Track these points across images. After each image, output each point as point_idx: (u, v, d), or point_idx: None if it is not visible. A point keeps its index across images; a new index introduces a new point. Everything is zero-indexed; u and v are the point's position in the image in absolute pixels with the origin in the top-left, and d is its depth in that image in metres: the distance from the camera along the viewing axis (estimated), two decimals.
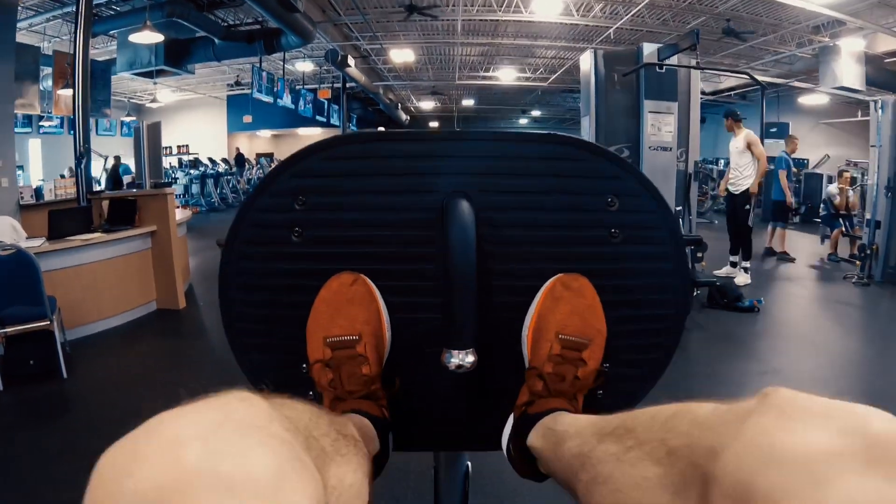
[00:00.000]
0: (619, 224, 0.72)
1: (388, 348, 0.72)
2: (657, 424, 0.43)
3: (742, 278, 6.51)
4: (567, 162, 0.72)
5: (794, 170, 8.52)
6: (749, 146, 6.38)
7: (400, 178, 0.71)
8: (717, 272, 6.64)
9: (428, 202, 0.71)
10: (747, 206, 6.49)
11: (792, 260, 8.27)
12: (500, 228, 0.72)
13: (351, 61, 13.44)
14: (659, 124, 5.78)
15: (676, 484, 0.37)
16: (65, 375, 3.86)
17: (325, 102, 17.43)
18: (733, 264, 6.82)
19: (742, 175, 6.47)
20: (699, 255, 6.47)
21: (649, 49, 5.91)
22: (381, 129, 13.29)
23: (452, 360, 0.61)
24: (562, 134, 0.75)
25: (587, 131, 6.35)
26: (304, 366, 0.70)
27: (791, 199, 8.34)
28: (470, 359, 0.61)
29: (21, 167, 13.15)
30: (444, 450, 0.81)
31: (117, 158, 13.26)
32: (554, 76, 16.50)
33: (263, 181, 0.72)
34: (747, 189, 6.41)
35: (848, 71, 10.16)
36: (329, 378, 0.67)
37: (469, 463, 0.86)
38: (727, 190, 6.70)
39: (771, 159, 10.88)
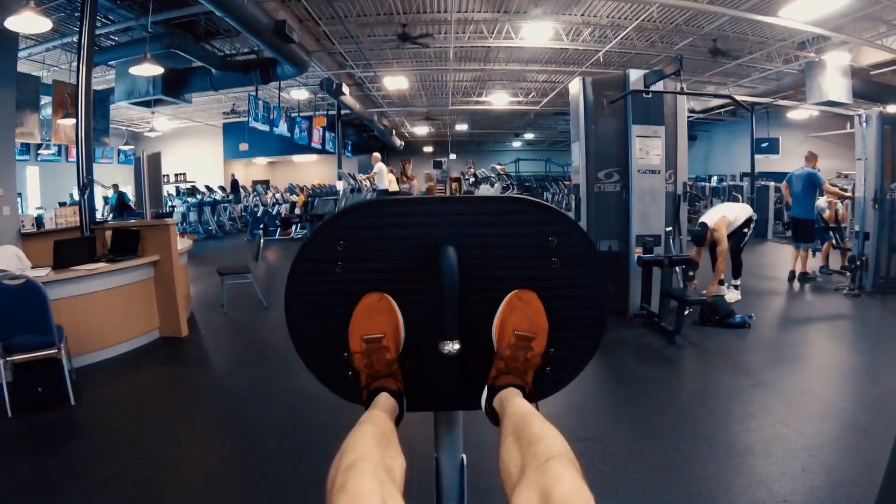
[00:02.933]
0: (558, 255, 1.01)
1: (403, 342, 1.03)
2: (524, 443, 0.75)
3: (732, 295, 6.59)
4: (521, 215, 1.01)
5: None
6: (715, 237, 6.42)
7: (409, 229, 1.01)
8: (705, 292, 6.72)
9: (428, 245, 1.00)
10: (746, 230, 6.57)
11: (814, 279, 8.09)
12: (475, 260, 1.01)
13: (345, 89, 13.65)
14: (647, 148, 5.90)
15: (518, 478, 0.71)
16: (72, 402, 3.93)
17: (321, 130, 17.60)
18: (720, 282, 6.90)
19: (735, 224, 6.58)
20: (690, 273, 6.57)
21: (635, 75, 6.04)
22: (376, 154, 13.43)
23: (445, 347, 0.90)
24: (516, 196, 1.08)
25: (577, 156, 6.46)
26: (346, 354, 1.02)
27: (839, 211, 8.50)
28: (456, 346, 0.90)
29: (19, 195, 13.26)
30: (441, 409, 1.10)
31: (115, 187, 13.38)
32: (546, 99, 16.72)
33: (316, 231, 1.03)
34: (749, 217, 6.55)
35: (834, 85, 10.35)
36: (365, 362, 0.98)
37: (464, 455, 1.12)
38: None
39: (769, 174, 10.94)
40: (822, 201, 8.79)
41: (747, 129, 12.33)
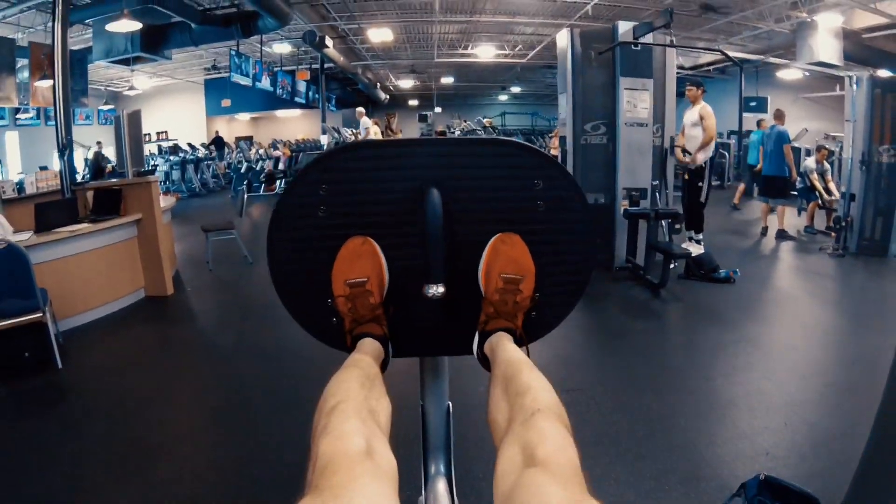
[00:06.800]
0: (543, 198, 1.02)
1: (387, 286, 1.02)
2: (512, 393, 0.76)
3: (695, 248, 6.46)
4: (507, 157, 1.02)
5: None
6: (701, 118, 6.29)
7: (394, 171, 1.01)
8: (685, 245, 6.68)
9: (412, 188, 1.00)
10: (700, 183, 6.44)
11: (792, 238, 8.05)
12: (461, 203, 1.01)
13: (329, 42, 13.34)
14: (635, 101, 5.86)
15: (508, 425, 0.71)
16: (59, 366, 3.91)
17: (305, 84, 17.30)
18: (690, 238, 6.88)
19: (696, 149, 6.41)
20: (676, 226, 6.59)
21: (625, 27, 5.96)
22: (360, 108, 13.22)
23: (429, 290, 0.91)
24: (502, 138, 1.11)
25: (564, 108, 6.41)
26: (330, 300, 1.01)
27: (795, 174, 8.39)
28: (441, 289, 0.91)
29: None
30: (427, 354, 1.12)
31: (99, 144, 13.13)
32: (533, 52, 16.45)
33: (299, 175, 1.02)
34: (702, 165, 6.38)
35: (825, 46, 10.19)
36: (349, 307, 0.98)
37: (450, 403, 1.13)
38: (683, 170, 6.59)
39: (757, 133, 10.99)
40: (810, 161, 8.79)
41: (736, 88, 12.17)
